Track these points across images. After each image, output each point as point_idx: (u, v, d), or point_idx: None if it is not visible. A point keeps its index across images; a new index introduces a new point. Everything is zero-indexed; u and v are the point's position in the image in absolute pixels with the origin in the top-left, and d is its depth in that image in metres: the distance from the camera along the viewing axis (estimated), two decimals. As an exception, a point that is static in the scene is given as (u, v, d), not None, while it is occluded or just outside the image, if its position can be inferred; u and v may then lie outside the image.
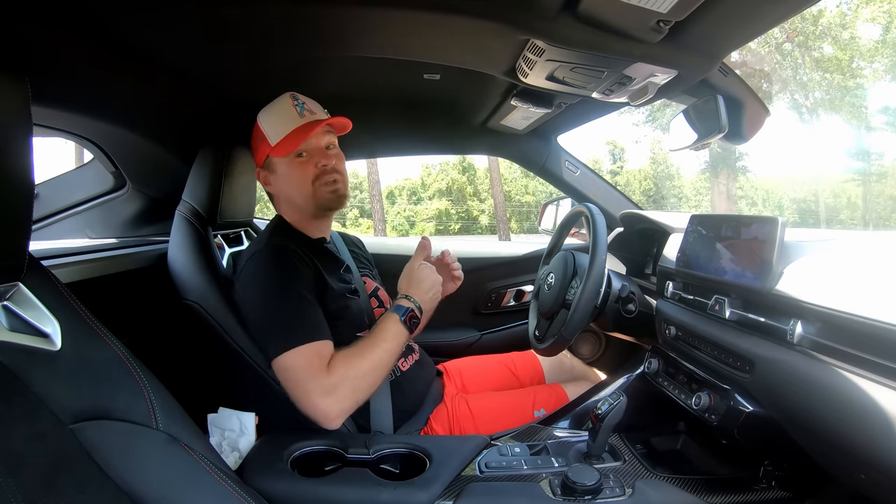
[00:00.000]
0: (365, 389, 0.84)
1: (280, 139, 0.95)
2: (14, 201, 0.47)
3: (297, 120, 0.95)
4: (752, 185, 17.57)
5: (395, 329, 0.88)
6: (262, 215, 1.85)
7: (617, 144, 21.07)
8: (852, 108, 12.22)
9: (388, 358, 0.86)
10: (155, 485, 0.52)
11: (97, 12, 0.69)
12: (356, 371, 0.82)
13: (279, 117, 0.96)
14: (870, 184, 13.64)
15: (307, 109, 0.98)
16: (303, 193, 0.98)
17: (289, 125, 0.95)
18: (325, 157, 0.97)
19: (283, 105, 0.97)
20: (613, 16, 0.69)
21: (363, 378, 0.83)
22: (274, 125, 0.96)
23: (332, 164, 0.98)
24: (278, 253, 0.90)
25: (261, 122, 0.98)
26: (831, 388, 0.59)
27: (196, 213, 1.07)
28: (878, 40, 11.42)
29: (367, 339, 0.87)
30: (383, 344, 0.86)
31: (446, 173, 21.39)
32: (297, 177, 0.97)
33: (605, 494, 0.70)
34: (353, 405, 0.83)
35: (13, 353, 0.50)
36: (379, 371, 0.85)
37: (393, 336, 0.87)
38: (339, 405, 0.80)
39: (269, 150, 0.97)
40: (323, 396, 0.79)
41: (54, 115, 0.98)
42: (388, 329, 0.88)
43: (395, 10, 0.73)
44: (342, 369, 0.81)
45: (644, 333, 1.10)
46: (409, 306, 0.91)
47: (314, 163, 0.97)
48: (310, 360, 0.80)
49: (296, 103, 0.97)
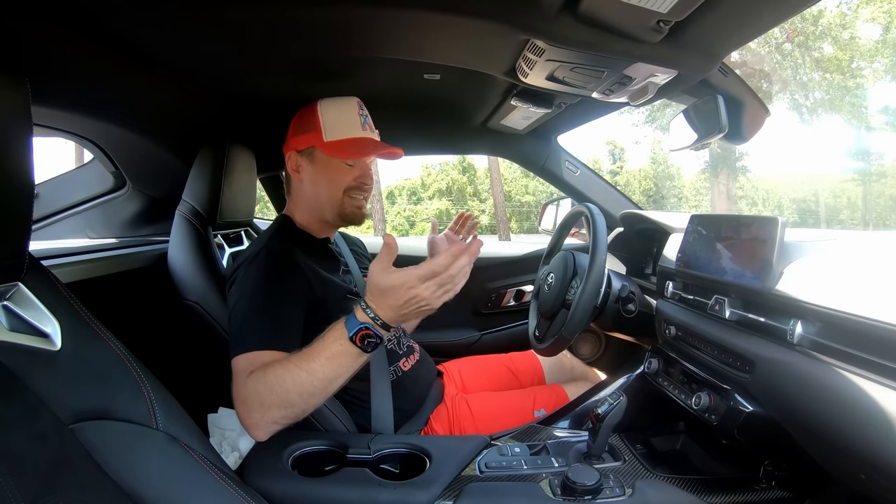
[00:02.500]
0: (282, 405, 0.71)
1: (336, 139, 0.96)
2: (14, 201, 0.47)
3: (359, 131, 0.98)
4: (752, 185, 17.58)
5: (335, 348, 0.71)
6: (262, 215, 1.85)
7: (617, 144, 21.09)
8: (852, 108, 12.22)
9: (315, 381, 0.71)
10: (155, 485, 0.52)
11: (96, 11, 0.69)
12: (266, 387, 0.71)
13: (343, 118, 0.98)
14: (870, 184, 13.65)
15: (368, 124, 1.01)
16: (332, 197, 0.99)
17: (350, 132, 0.97)
18: (367, 175, 1.00)
19: (350, 109, 0.99)
20: (613, 16, 0.69)
21: (277, 395, 0.71)
22: (334, 122, 0.97)
23: (370, 184, 1.01)
24: (271, 259, 0.88)
25: (321, 111, 0.98)
26: (831, 388, 0.59)
27: (196, 213, 1.07)
28: (878, 40, 11.43)
29: (301, 353, 0.73)
30: (312, 363, 0.71)
31: (446, 173, 21.39)
32: (334, 180, 0.98)
33: (605, 494, 0.70)
34: (267, 419, 0.72)
35: (13, 353, 0.50)
36: (303, 393, 0.71)
37: (331, 355, 0.71)
38: (250, 415, 0.72)
39: (319, 142, 0.97)
40: (238, 403, 0.74)
41: (54, 115, 0.98)
42: (326, 347, 0.72)
43: (395, 10, 0.73)
44: (253, 379, 0.73)
45: (644, 333, 1.10)
46: (365, 321, 0.71)
47: (356, 175, 0.99)
48: (246, 367, 0.76)
49: (361, 113, 1.00)
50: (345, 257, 1.09)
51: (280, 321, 0.83)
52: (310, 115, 0.99)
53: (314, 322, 0.90)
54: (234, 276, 0.91)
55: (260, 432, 0.74)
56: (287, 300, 0.85)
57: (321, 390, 0.72)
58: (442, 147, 1.76)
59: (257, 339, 0.80)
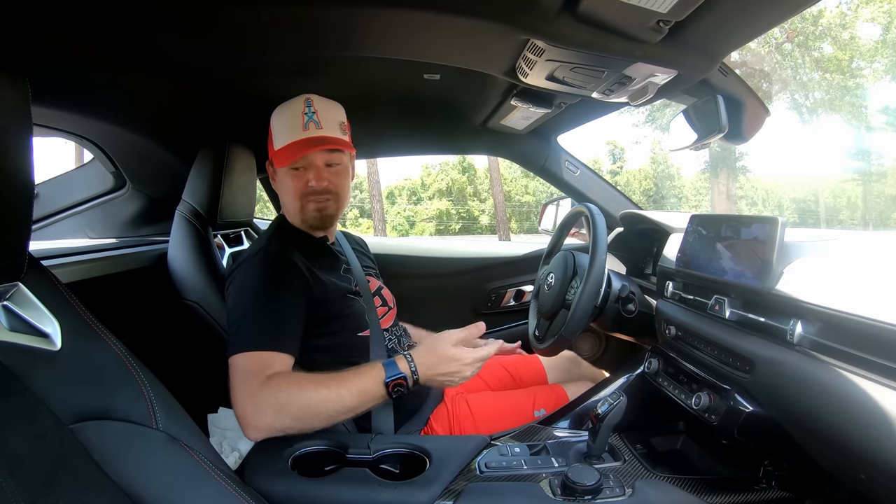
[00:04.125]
0: (297, 418, 0.75)
1: (281, 146, 0.94)
2: (14, 201, 0.47)
3: (299, 132, 0.93)
4: (752, 185, 17.58)
5: (367, 385, 0.77)
6: (262, 215, 1.85)
7: (617, 144, 21.09)
8: (852, 108, 12.22)
9: (340, 408, 0.76)
10: (155, 485, 0.52)
11: (96, 11, 0.69)
12: (290, 398, 0.74)
13: (285, 123, 0.95)
14: (870, 184, 13.64)
15: (314, 121, 0.94)
16: (291, 206, 0.98)
17: (291, 135, 0.93)
18: (318, 176, 0.94)
19: (294, 112, 0.94)
20: (613, 16, 0.69)
21: (298, 408, 0.74)
22: (280, 129, 0.96)
23: (323, 185, 0.95)
24: (269, 260, 0.89)
25: (273, 120, 0.98)
26: (831, 388, 0.59)
27: (196, 213, 1.07)
28: (878, 40, 11.43)
29: (334, 376, 0.78)
30: (344, 393, 0.76)
31: (446, 173, 21.38)
32: (288, 188, 0.97)
33: (605, 494, 0.70)
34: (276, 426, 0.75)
35: (13, 353, 0.50)
36: (322, 414, 0.75)
37: (360, 391, 0.77)
38: (260, 419, 0.74)
39: (272, 152, 0.97)
40: (246, 403, 0.75)
41: (54, 115, 0.98)
42: (361, 381, 0.77)
43: (396, 10, 0.73)
44: (277, 387, 0.75)
45: (644, 333, 1.10)
46: (404, 372, 0.78)
47: (307, 179, 0.94)
48: (250, 366, 0.77)
49: (306, 112, 0.94)
50: (346, 256, 1.09)
51: (279, 321, 0.83)
52: (270, 125, 0.99)
53: (315, 322, 0.90)
54: (232, 277, 0.91)
55: (260, 434, 0.75)
56: (286, 300, 0.85)
57: (337, 415, 0.77)
58: (442, 147, 1.76)
59: (256, 339, 0.80)
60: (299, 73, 1.02)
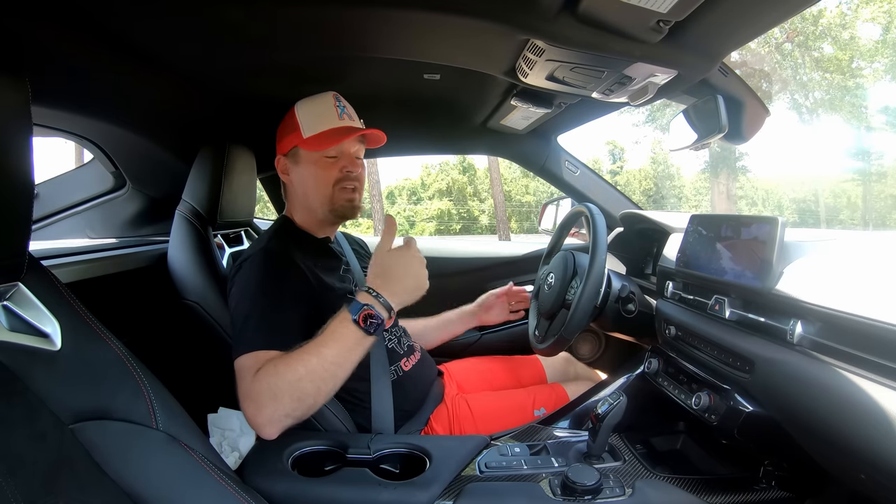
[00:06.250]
0: (295, 397, 0.73)
1: (314, 134, 0.96)
2: (14, 201, 0.47)
3: (335, 121, 0.97)
4: (752, 185, 17.55)
5: (341, 331, 0.75)
6: (262, 215, 1.85)
7: (617, 144, 21.06)
8: (852, 108, 12.21)
9: (326, 365, 0.74)
10: (155, 485, 0.52)
11: (96, 11, 0.69)
12: (279, 378, 0.73)
13: (319, 112, 0.97)
14: (870, 184, 13.63)
15: (347, 114, 0.99)
16: (320, 194, 0.98)
17: (326, 123, 0.96)
18: (353, 163, 0.99)
19: (325, 102, 0.99)
20: (613, 16, 0.69)
21: (290, 385, 0.72)
22: (311, 118, 0.97)
23: (357, 172, 0.99)
24: (270, 260, 0.89)
25: (298, 111, 0.99)
26: (831, 388, 0.59)
27: (196, 213, 1.07)
28: (878, 40, 11.42)
29: (311, 342, 0.76)
30: (323, 349, 0.74)
31: (446, 173, 21.37)
32: (320, 176, 0.97)
33: (605, 494, 0.70)
34: (279, 414, 0.73)
35: (13, 353, 0.50)
36: (315, 380, 0.73)
37: (338, 339, 0.75)
38: (261, 412, 0.73)
39: (299, 140, 0.97)
40: (247, 402, 0.74)
41: (54, 115, 0.98)
42: (333, 331, 0.76)
43: (396, 11, 0.73)
44: (264, 374, 0.74)
45: (644, 333, 1.10)
46: (367, 302, 0.76)
47: (341, 166, 0.97)
48: (251, 365, 0.76)
49: (337, 104, 0.99)
50: (346, 256, 1.09)
51: (281, 320, 0.83)
52: (290, 117, 0.99)
53: (316, 322, 0.90)
54: (233, 277, 0.91)
55: (272, 428, 0.74)
56: (287, 300, 0.85)
57: (332, 375, 0.75)
58: (442, 147, 1.76)
59: (260, 339, 0.80)
60: (299, 73, 1.02)
